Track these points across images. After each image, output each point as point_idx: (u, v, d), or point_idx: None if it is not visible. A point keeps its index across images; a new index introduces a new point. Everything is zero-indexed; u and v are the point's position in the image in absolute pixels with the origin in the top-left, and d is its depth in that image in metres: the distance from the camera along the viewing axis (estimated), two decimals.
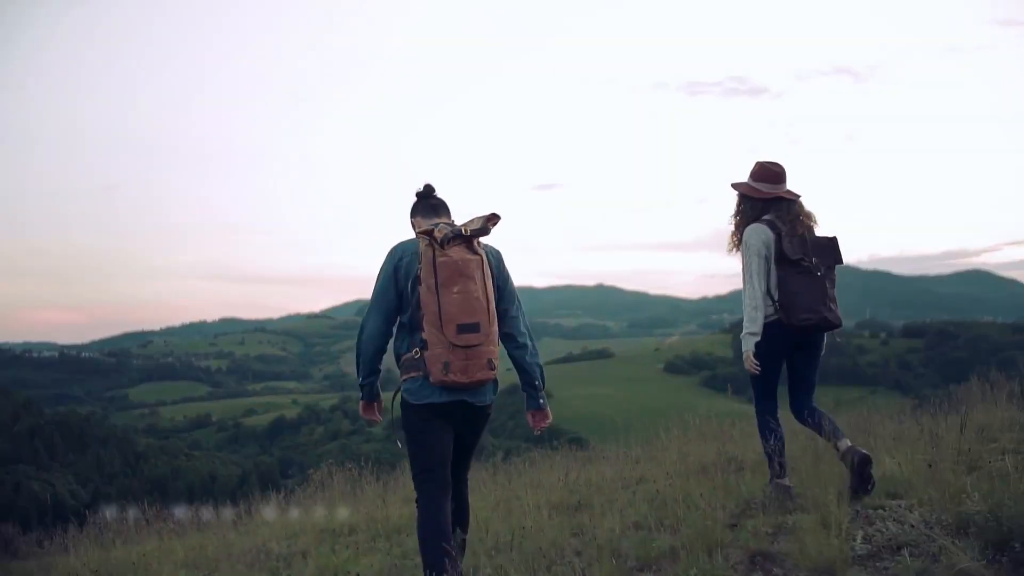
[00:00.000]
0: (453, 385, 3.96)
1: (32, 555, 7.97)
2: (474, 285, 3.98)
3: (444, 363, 3.91)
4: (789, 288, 4.99)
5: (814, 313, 4.98)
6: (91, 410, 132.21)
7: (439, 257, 3.94)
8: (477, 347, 3.95)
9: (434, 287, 3.93)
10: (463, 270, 3.96)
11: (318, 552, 5.79)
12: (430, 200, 4.44)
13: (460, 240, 4.04)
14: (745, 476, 6.06)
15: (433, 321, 3.93)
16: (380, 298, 4.18)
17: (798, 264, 4.99)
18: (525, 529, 5.26)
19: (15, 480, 78.45)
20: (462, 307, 3.92)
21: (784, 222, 5.11)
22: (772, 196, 5.19)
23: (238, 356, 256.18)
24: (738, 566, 4.22)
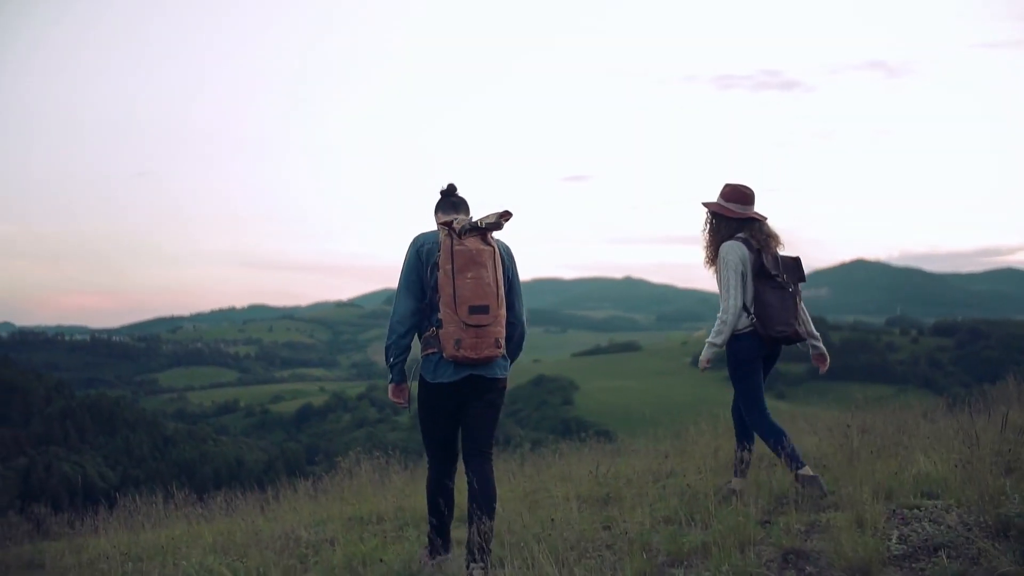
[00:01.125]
0: (464, 360, 4.47)
1: (63, 535, 8.00)
2: (486, 272, 4.50)
3: (456, 340, 4.43)
4: (766, 301, 5.33)
5: (787, 326, 5.36)
6: (121, 394, 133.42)
7: (456, 246, 4.47)
8: (486, 327, 4.47)
9: (450, 272, 4.45)
10: (477, 258, 4.48)
11: (346, 540, 5.77)
12: (451, 198, 4.98)
13: (476, 232, 4.56)
14: (776, 472, 5.99)
15: (448, 303, 4.44)
16: (406, 281, 4.69)
17: (774, 280, 5.35)
18: (554, 521, 5.22)
19: (46, 461, 79.32)
20: (474, 291, 4.44)
21: (758, 240, 5.46)
22: (743, 216, 5.52)
23: (266, 343, 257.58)
24: (771, 564, 4.16)
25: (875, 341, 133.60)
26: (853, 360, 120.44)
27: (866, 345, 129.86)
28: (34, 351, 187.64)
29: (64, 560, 6.48)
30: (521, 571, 4.04)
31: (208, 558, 5.57)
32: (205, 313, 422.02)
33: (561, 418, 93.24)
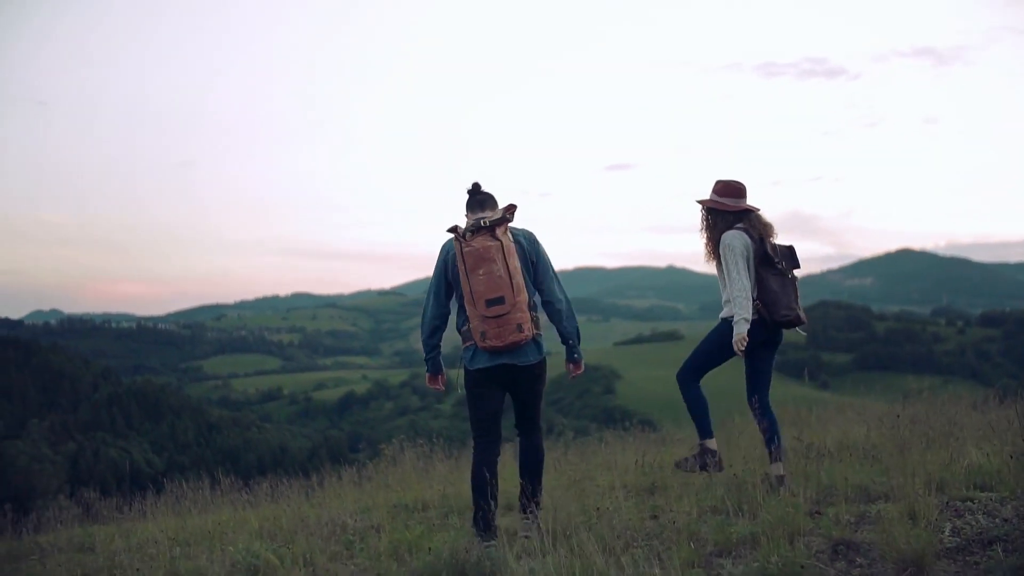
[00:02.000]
0: (492, 349, 4.95)
1: (112, 520, 8.08)
2: (496, 266, 4.87)
3: (481, 332, 4.93)
4: (769, 287, 5.48)
5: (790, 310, 5.49)
6: (166, 381, 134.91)
7: (464, 248, 4.91)
8: (505, 316, 4.88)
9: (464, 273, 4.91)
10: (484, 255, 4.87)
11: (391, 527, 5.77)
12: (477, 196, 5.31)
13: (482, 231, 4.93)
14: (825, 463, 5.92)
15: (468, 300, 4.95)
16: (434, 286, 5.25)
17: (775, 267, 5.51)
18: (600, 510, 5.20)
19: (94, 447, 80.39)
20: (487, 285, 4.86)
21: (757, 230, 5.60)
22: (739, 209, 5.68)
23: (309, 331, 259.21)
24: (821, 555, 4.12)
25: (921, 331, 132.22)
26: (899, 350, 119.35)
27: (912, 335, 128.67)
28: (82, 338, 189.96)
29: (114, 544, 6.54)
30: (567, 559, 4.02)
31: (255, 544, 5.59)
32: (249, 301, 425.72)
33: (603, 407, 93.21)
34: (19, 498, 23.51)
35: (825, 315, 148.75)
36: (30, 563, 6.45)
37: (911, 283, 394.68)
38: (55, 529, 7.81)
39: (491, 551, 4.56)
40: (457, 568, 4.48)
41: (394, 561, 4.95)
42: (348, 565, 5.06)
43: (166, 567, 5.34)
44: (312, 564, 4.98)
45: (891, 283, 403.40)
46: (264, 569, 5.03)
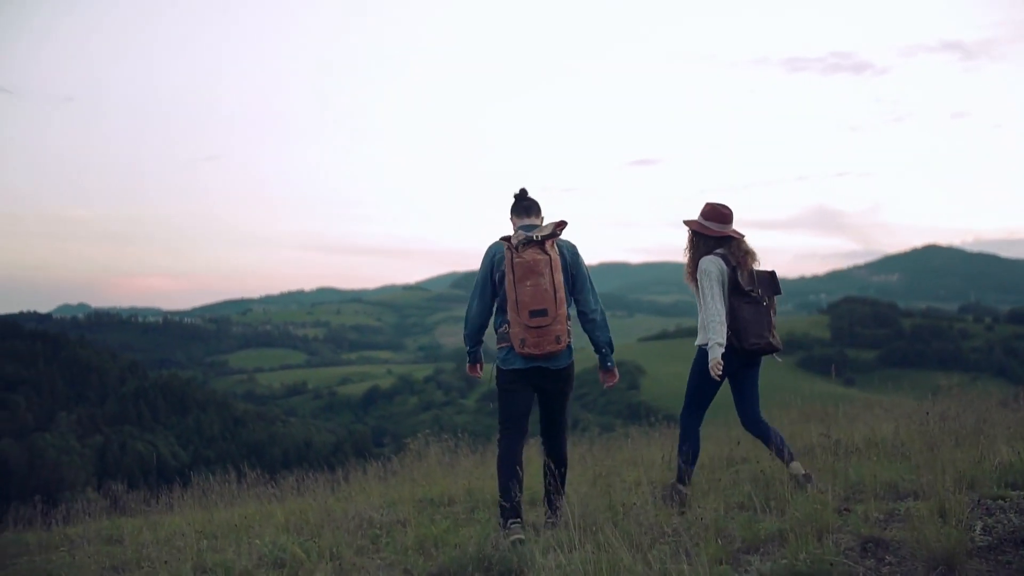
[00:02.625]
0: (529, 356, 5.20)
1: (140, 512, 8.13)
2: (543, 279, 5.11)
3: (521, 339, 5.16)
4: (740, 315, 5.57)
5: (760, 338, 5.58)
6: (192, 375, 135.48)
7: (516, 258, 5.14)
8: (546, 327, 5.13)
9: (512, 282, 5.14)
10: (534, 268, 5.11)
11: (418, 521, 5.78)
12: (523, 202, 5.58)
13: (532, 244, 5.17)
14: (853, 460, 5.89)
15: (512, 307, 5.17)
16: (479, 287, 5.45)
17: (748, 295, 5.60)
18: (626, 506, 5.18)
19: (121, 440, 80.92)
20: (533, 297, 5.10)
21: (735, 257, 5.71)
22: (722, 235, 5.79)
23: (334, 325, 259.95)
24: (850, 552, 4.09)
25: (948, 328, 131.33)
26: (925, 347, 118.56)
27: (939, 332, 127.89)
28: (109, 332, 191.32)
29: (141, 536, 6.58)
30: (594, 555, 4.01)
31: (281, 537, 5.61)
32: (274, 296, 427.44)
33: (628, 403, 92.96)
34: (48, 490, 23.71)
35: (851, 312, 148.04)
36: (60, 554, 6.49)
37: (938, 279, 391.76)
38: (84, 521, 7.86)
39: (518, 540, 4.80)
40: (483, 562, 4.48)
41: (420, 555, 4.97)
42: (374, 559, 5.07)
43: (193, 560, 5.37)
44: (339, 558, 4.99)
45: (918, 279, 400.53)
46: (291, 562, 5.05)
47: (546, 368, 5.31)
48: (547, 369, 5.32)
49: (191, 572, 5.08)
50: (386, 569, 4.82)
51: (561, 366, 5.35)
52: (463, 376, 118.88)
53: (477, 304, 5.46)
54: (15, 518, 8.13)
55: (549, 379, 5.37)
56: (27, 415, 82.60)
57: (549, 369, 5.32)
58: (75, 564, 5.87)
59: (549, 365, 5.30)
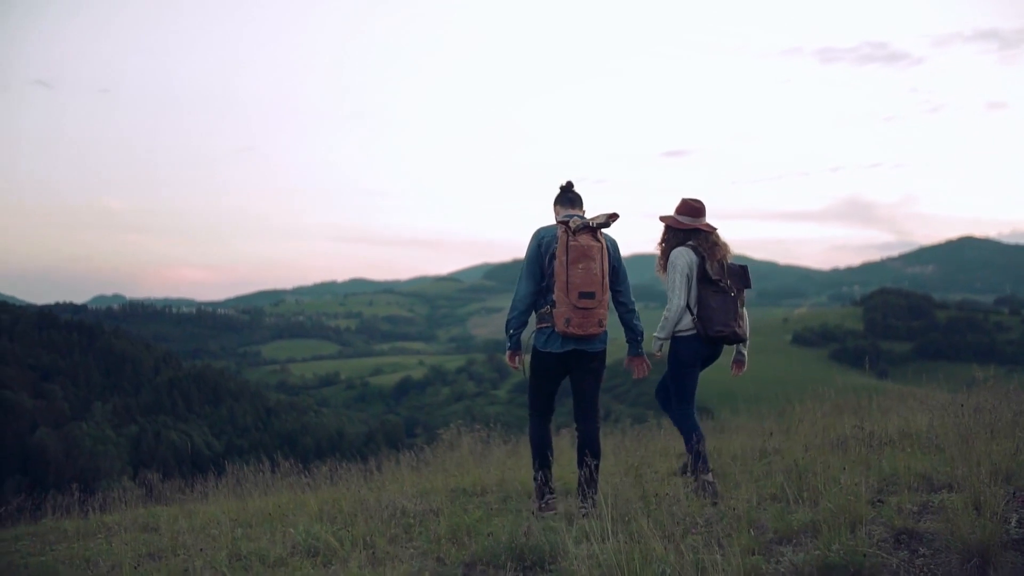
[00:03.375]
0: (571, 335, 5.44)
1: (175, 501, 8.22)
2: (594, 264, 5.40)
3: (567, 319, 5.38)
4: (707, 304, 5.84)
5: (726, 327, 5.83)
6: (225, 365, 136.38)
7: (571, 241, 5.39)
8: (592, 309, 5.40)
9: (565, 263, 5.38)
10: (587, 252, 5.39)
11: (450, 511, 5.80)
12: (568, 194, 5.85)
13: (587, 230, 5.46)
14: (886, 452, 5.86)
15: (562, 288, 5.38)
16: (528, 268, 5.61)
17: (716, 284, 5.85)
18: (659, 496, 5.18)
19: (156, 429, 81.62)
20: (584, 279, 5.36)
21: (704, 249, 5.96)
22: (692, 227, 6.07)
23: (366, 316, 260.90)
24: (883, 543, 4.07)
25: (983, 321, 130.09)
26: (960, 340, 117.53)
27: (974, 324, 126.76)
28: (144, 323, 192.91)
29: (177, 524, 6.64)
30: (627, 545, 4.02)
31: (315, 526, 5.65)
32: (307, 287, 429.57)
33: None
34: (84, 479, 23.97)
35: (885, 303, 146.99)
36: (97, 541, 6.57)
37: (974, 271, 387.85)
38: (120, 509, 7.95)
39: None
40: (516, 552, 4.50)
41: (453, 544, 4.99)
42: (407, 548, 5.10)
43: (228, 547, 5.42)
44: (372, 546, 5.03)
45: (953, 271, 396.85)
46: (324, 551, 5.09)
47: (583, 351, 5.58)
48: (584, 352, 5.59)
49: (226, 560, 5.13)
50: (419, 558, 4.85)
51: (598, 349, 5.64)
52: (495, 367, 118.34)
53: (526, 286, 5.62)
54: (53, 506, 8.23)
55: (584, 361, 5.65)
56: (64, 405, 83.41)
57: (587, 352, 5.60)
58: (112, 551, 5.94)
59: (587, 348, 5.58)
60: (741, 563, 3.79)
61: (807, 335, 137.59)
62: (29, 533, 7.35)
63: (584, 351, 5.60)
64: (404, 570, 4.39)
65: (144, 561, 5.55)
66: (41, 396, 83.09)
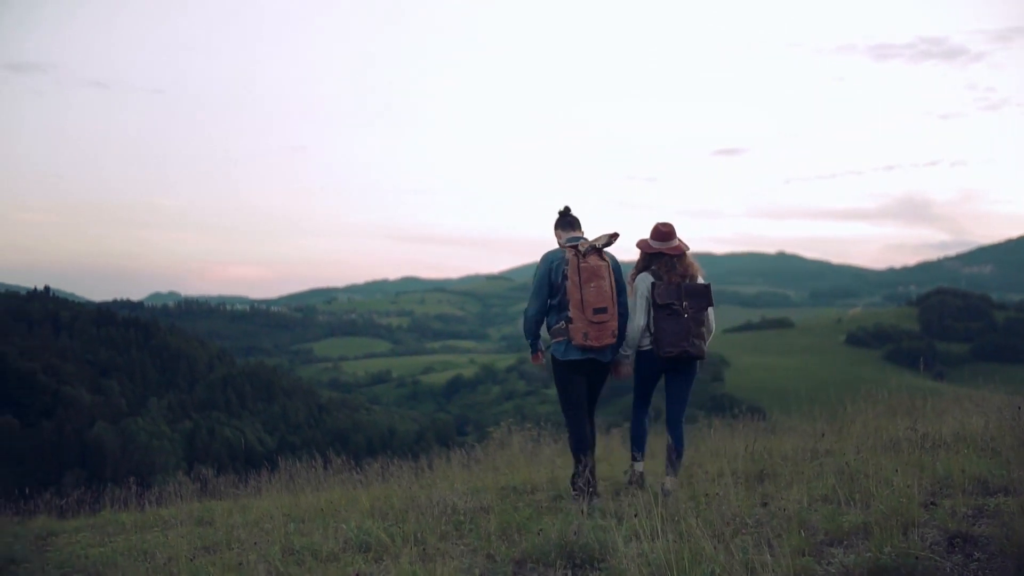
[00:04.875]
0: (589, 347, 5.99)
1: (229, 495, 8.33)
2: (604, 282, 5.96)
3: (584, 332, 5.93)
4: (658, 326, 6.20)
5: (675, 347, 6.15)
6: (278, 362, 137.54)
7: (582, 263, 5.95)
8: (605, 323, 5.96)
9: (578, 283, 5.93)
10: (597, 272, 5.95)
11: (500, 508, 5.84)
12: (567, 218, 6.41)
13: (594, 252, 6.01)
14: (940, 454, 5.80)
15: (577, 305, 5.93)
16: (538, 288, 6.21)
17: (668, 307, 6.17)
18: (709, 496, 5.18)
19: (210, 425, 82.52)
20: (596, 296, 5.91)
21: (663, 273, 6.34)
22: (657, 251, 6.43)
23: (418, 315, 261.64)
24: (936, 547, 4.04)
25: None
26: (1019, 341, 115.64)
27: None
28: (198, 320, 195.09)
29: (231, 518, 6.74)
30: (676, 544, 4.02)
31: (366, 522, 5.71)
32: (359, 285, 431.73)
33: (711, 395, 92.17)
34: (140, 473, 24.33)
35: (942, 304, 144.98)
36: (154, 534, 6.69)
37: None
38: (176, 503, 8.08)
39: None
40: (566, 549, 4.52)
41: (503, 542, 5.02)
42: (458, 545, 5.14)
43: (282, 542, 5.49)
44: (423, 543, 5.06)
45: (1012, 271, 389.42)
46: (376, 546, 5.14)
47: (597, 360, 6.16)
48: (598, 361, 6.18)
49: (279, 554, 5.19)
50: (469, 555, 4.88)
51: (608, 360, 6.25)
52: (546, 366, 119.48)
53: (535, 305, 6.23)
54: (111, 499, 8.38)
55: (597, 370, 6.26)
56: (120, 400, 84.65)
57: (600, 361, 6.19)
58: (168, 543, 6.04)
59: (600, 358, 6.15)
60: (791, 564, 3.79)
61: (861, 335, 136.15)
62: (89, 525, 7.50)
63: (598, 360, 6.17)
64: (454, 566, 4.42)
65: (199, 554, 5.63)
66: (99, 392, 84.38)
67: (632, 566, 4.00)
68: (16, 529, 7.45)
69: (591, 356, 6.08)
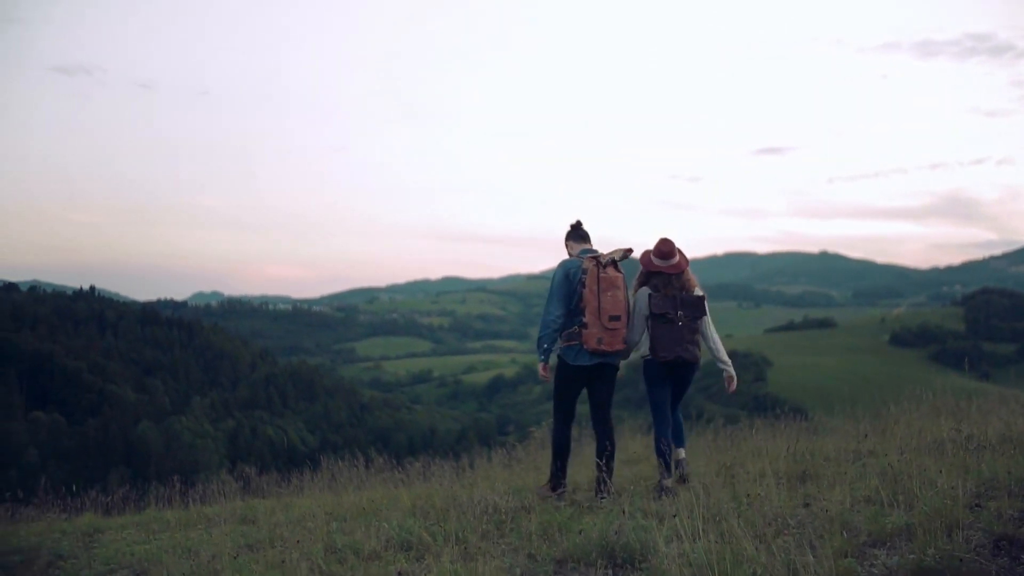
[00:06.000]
0: (602, 352, 6.35)
1: (272, 494, 8.41)
2: (620, 293, 6.40)
3: (598, 338, 6.29)
4: (654, 334, 6.58)
5: (670, 352, 6.52)
6: (320, 362, 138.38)
7: (601, 274, 6.35)
8: (617, 330, 6.36)
9: (596, 292, 6.32)
10: (614, 283, 6.38)
11: (542, 508, 5.85)
12: (579, 231, 6.85)
13: (612, 264, 6.45)
14: (986, 456, 5.73)
15: (593, 312, 6.29)
16: (558, 294, 6.49)
17: (664, 316, 6.55)
18: (751, 496, 5.16)
19: (252, 424, 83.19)
20: (612, 305, 6.33)
21: (660, 286, 6.69)
22: (657, 270, 6.76)
23: (459, 314, 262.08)
24: (981, 549, 4.00)
25: None
26: None
27: None
28: (241, 319, 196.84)
29: (274, 517, 6.80)
30: (718, 544, 4.01)
31: (408, 520, 5.74)
32: (400, 284, 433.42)
33: (753, 395, 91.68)
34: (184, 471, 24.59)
35: (988, 303, 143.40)
36: (198, 531, 6.77)
37: None
38: (219, 501, 8.17)
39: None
40: (607, 549, 4.52)
41: (544, 541, 5.03)
42: (499, 544, 5.15)
43: (324, 540, 5.53)
44: (464, 542, 5.08)
45: None
46: (417, 545, 5.17)
47: (606, 364, 6.51)
48: (607, 364, 6.53)
49: (322, 552, 5.23)
50: (511, 554, 4.89)
51: (616, 363, 6.61)
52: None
53: (557, 308, 6.48)
54: (156, 497, 8.49)
55: (606, 372, 6.57)
56: (164, 399, 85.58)
57: (610, 364, 6.54)
58: (212, 541, 6.11)
59: (610, 361, 6.51)
60: (833, 565, 3.77)
61: (905, 335, 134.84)
62: (134, 522, 7.59)
63: (607, 364, 6.52)
64: (496, 566, 4.43)
65: (243, 552, 5.69)
66: (143, 391, 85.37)
67: (673, 566, 4.01)
68: (63, 526, 7.56)
69: (600, 361, 6.44)
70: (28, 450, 63.96)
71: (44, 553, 6.31)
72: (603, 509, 5.76)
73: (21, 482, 10.73)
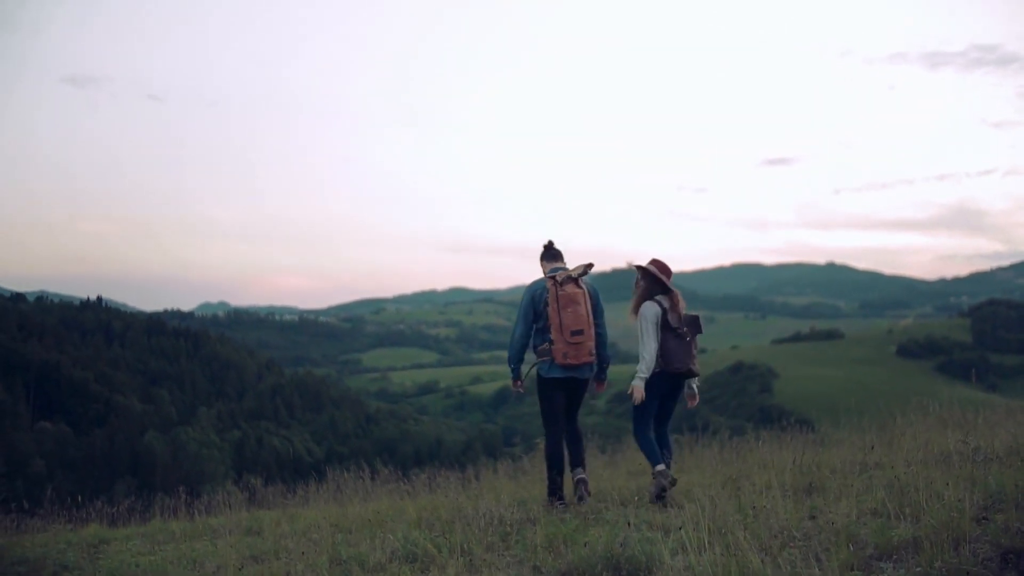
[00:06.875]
0: (568, 366, 6.73)
1: (277, 505, 8.42)
2: (580, 308, 6.70)
3: (564, 352, 6.67)
4: (667, 347, 6.80)
5: (682, 364, 6.80)
6: (327, 372, 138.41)
7: (560, 291, 6.70)
8: (582, 343, 6.69)
9: (557, 309, 6.68)
10: (573, 299, 6.70)
11: (547, 520, 5.85)
12: (551, 251, 7.17)
13: (571, 281, 6.78)
14: (993, 468, 5.71)
15: (557, 328, 6.69)
16: (523, 314, 6.98)
17: (676, 331, 6.82)
18: (757, 509, 5.14)
19: (258, 435, 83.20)
20: (574, 320, 6.66)
21: (671, 303, 6.91)
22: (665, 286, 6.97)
23: (466, 325, 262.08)
24: (988, 563, 3.97)
25: None
26: None
27: None
28: (248, 330, 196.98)
29: (280, 528, 6.81)
30: (723, 557, 4.01)
31: (413, 532, 5.74)
32: (407, 295, 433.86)
33: (759, 406, 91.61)
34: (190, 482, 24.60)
35: (994, 315, 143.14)
36: (203, 543, 6.78)
37: None
38: (224, 512, 8.18)
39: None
40: (612, 561, 4.51)
41: (549, 553, 5.02)
42: (504, 556, 5.14)
43: (329, 552, 5.53)
44: (469, 554, 5.08)
45: None
46: (423, 557, 5.16)
47: (577, 378, 6.90)
48: (577, 379, 6.92)
49: (327, 564, 5.23)
50: (516, 566, 4.89)
51: (587, 377, 7.00)
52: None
53: (521, 328, 6.97)
54: (161, 507, 8.49)
55: (578, 386, 6.99)
56: (170, 409, 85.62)
57: (579, 379, 6.93)
58: (217, 552, 6.11)
59: (579, 375, 6.89)
60: None
61: (912, 347, 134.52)
62: (139, 533, 7.60)
63: (576, 378, 6.90)
64: None
65: (248, 563, 5.69)
66: (149, 401, 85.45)
67: None
68: (68, 536, 7.57)
69: (571, 375, 6.83)
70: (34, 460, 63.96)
71: (49, 564, 6.32)
72: (608, 521, 5.75)
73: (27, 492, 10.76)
